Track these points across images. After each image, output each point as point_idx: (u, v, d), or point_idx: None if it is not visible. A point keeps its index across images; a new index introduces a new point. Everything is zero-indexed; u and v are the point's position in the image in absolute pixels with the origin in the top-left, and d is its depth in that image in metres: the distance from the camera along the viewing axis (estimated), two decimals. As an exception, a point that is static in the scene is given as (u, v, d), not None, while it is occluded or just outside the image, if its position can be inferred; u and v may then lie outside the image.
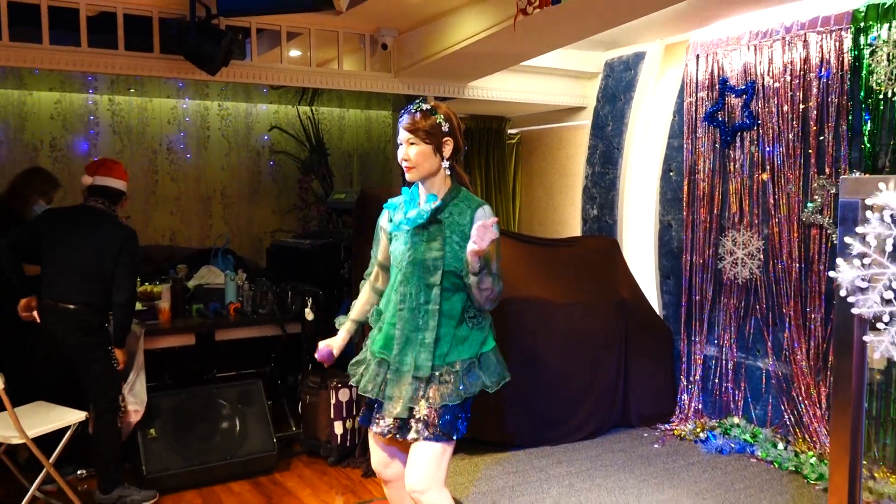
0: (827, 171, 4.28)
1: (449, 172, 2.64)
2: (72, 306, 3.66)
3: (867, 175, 3.86)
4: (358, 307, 2.88)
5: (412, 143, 2.55)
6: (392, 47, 5.00)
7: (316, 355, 2.81)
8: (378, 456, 2.80)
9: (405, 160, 2.58)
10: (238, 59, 4.62)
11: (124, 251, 3.74)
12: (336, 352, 2.81)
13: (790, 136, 4.44)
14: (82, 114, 5.85)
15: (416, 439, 2.54)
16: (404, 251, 2.62)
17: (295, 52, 5.17)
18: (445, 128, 2.56)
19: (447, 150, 2.58)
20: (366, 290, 2.89)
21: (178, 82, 5.47)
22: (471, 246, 2.38)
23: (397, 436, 2.59)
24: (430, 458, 2.52)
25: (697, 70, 4.98)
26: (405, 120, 2.57)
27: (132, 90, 5.81)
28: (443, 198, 2.60)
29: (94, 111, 5.90)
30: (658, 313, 5.32)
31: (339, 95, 6.34)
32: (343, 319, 2.87)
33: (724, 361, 4.90)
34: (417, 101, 2.61)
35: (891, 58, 3.89)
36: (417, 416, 2.54)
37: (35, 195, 4.32)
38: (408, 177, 2.61)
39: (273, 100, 6.47)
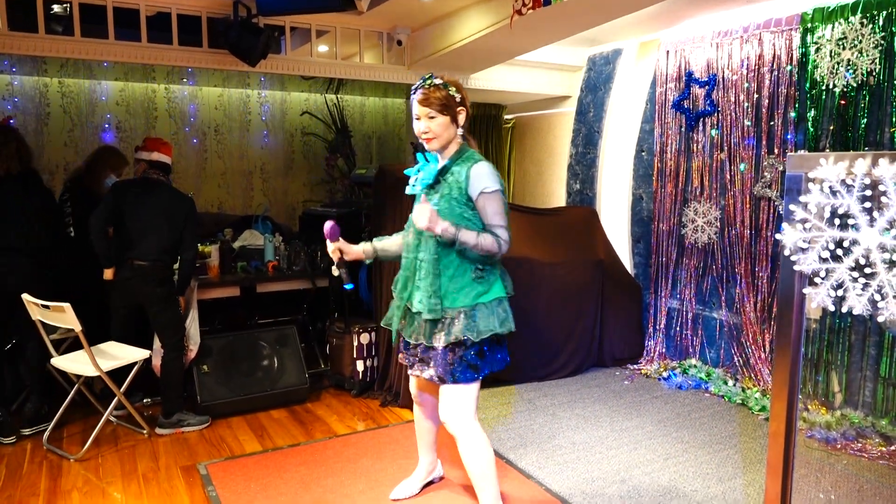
0: (776, 151, 4.24)
1: (461, 139, 2.51)
2: (145, 263, 3.68)
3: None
4: (382, 239, 2.77)
5: (431, 117, 2.41)
6: (406, 43, 4.94)
7: (325, 225, 2.59)
8: (414, 387, 2.85)
9: (426, 133, 2.43)
10: (274, 53, 4.57)
11: (190, 217, 3.79)
12: (343, 246, 2.62)
13: (745, 121, 4.39)
14: (143, 100, 5.80)
15: (434, 381, 2.52)
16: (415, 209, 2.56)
17: (323, 48, 5.10)
18: (458, 98, 2.43)
19: (461, 118, 2.46)
20: (396, 234, 2.77)
21: (223, 73, 5.40)
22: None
23: (422, 376, 2.57)
24: (447, 396, 2.51)
25: (667, 64, 4.91)
26: (419, 95, 2.42)
27: (185, 80, 5.75)
28: (448, 159, 2.49)
29: (153, 98, 5.84)
30: (630, 272, 5.31)
31: (361, 85, 6.27)
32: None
33: (684, 312, 4.91)
34: (426, 77, 2.46)
35: (833, 54, 3.83)
36: (436, 358, 2.48)
37: (108, 170, 4.30)
38: (428, 147, 2.48)
39: (304, 89, 6.40)
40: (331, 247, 2.61)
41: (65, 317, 3.30)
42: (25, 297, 3.42)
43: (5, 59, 4.83)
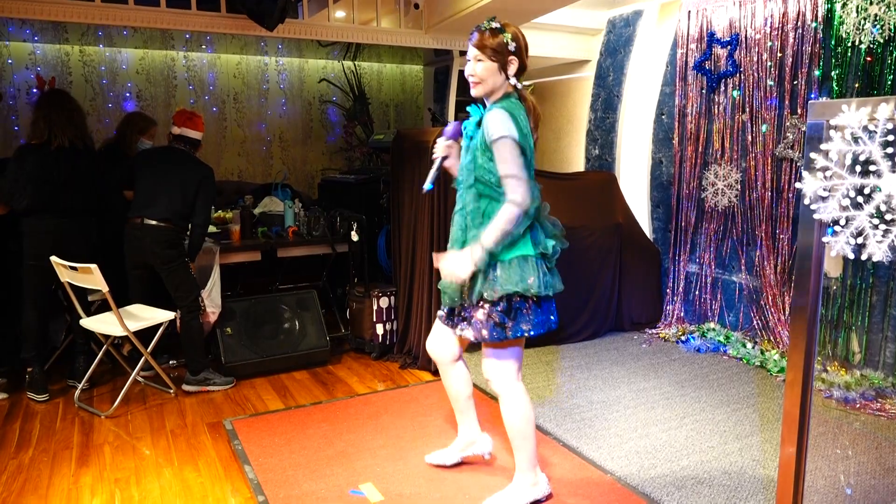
0: (799, 111, 4.18)
1: (514, 89, 2.38)
2: (154, 223, 3.74)
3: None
4: None
5: (479, 60, 2.33)
6: (423, 6, 4.90)
7: (448, 126, 2.49)
8: (433, 338, 2.73)
9: (472, 75, 2.35)
10: (292, 18, 4.56)
11: (204, 184, 3.83)
12: (455, 150, 2.52)
13: (768, 81, 4.32)
14: (162, 68, 5.84)
15: (476, 339, 2.42)
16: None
17: (340, 13, 5.08)
18: (512, 47, 2.32)
19: (512, 68, 2.34)
20: None
21: (241, 41, 5.42)
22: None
23: (464, 335, 2.47)
24: (491, 354, 2.46)
25: (689, 25, 4.83)
26: (475, 37, 2.34)
27: (203, 47, 5.77)
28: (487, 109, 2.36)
29: (172, 66, 5.88)
30: (648, 236, 5.30)
31: (378, 52, 6.26)
32: None
33: (703, 276, 4.89)
34: (488, 19, 2.36)
35: (859, 10, 3.74)
36: (472, 317, 2.42)
37: (136, 134, 4.35)
38: (473, 92, 2.38)
39: (322, 56, 6.40)
40: (445, 142, 2.51)
41: (92, 278, 3.38)
42: (54, 259, 3.50)
43: (27, 28, 4.88)
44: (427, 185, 2.47)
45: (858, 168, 1.76)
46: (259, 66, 6.26)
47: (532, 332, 2.39)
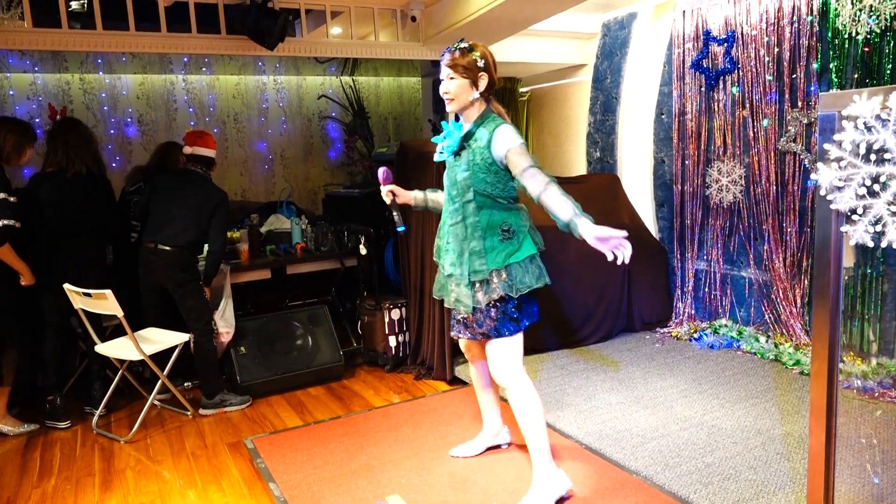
0: (799, 104, 4.20)
1: (485, 104, 2.57)
2: (169, 248, 3.76)
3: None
4: (436, 192, 2.92)
5: (452, 78, 2.49)
6: (420, 19, 4.93)
7: (379, 171, 2.76)
8: (463, 344, 2.96)
9: (445, 93, 2.52)
10: (290, 36, 4.59)
11: (219, 210, 3.85)
12: (396, 189, 2.78)
13: (766, 76, 4.35)
14: (162, 93, 5.87)
15: (478, 339, 2.65)
16: (446, 175, 2.66)
17: (336, 30, 5.12)
18: (481, 63, 2.49)
19: (482, 83, 2.51)
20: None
21: (239, 62, 5.45)
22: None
23: (463, 337, 2.71)
24: (494, 350, 2.60)
25: (684, 25, 4.87)
26: (446, 58, 2.51)
27: (203, 70, 5.80)
28: (472, 124, 2.54)
29: (172, 90, 5.91)
30: (655, 236, 5.31)
31: (375, 66, 6.28)
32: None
33: (712, 273, 4.90)
34: (457, 41, 2.53)
35: (854, 1, 3.78)
36: (467, 320, 2.63)
37: (176, 164, 4.38)
38: (448, 108, 2.55)
39: (319, 73, 6.43)
40: (384, 189, 2.76)
41: (106, 303, 3.39)
42: (67, 286, 3.51)
43: (27, 59, 4.91)
44: (400, 228, 2.74)
45: (873, 157, 1.78)
46: (258, 86, 6.29)
47: (532, 320, 2.65)
